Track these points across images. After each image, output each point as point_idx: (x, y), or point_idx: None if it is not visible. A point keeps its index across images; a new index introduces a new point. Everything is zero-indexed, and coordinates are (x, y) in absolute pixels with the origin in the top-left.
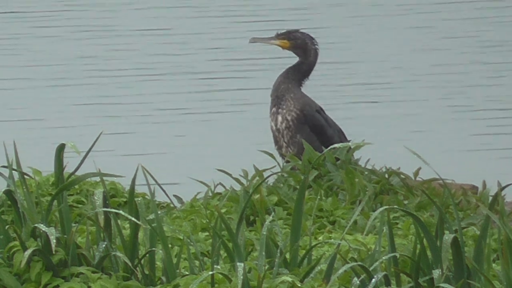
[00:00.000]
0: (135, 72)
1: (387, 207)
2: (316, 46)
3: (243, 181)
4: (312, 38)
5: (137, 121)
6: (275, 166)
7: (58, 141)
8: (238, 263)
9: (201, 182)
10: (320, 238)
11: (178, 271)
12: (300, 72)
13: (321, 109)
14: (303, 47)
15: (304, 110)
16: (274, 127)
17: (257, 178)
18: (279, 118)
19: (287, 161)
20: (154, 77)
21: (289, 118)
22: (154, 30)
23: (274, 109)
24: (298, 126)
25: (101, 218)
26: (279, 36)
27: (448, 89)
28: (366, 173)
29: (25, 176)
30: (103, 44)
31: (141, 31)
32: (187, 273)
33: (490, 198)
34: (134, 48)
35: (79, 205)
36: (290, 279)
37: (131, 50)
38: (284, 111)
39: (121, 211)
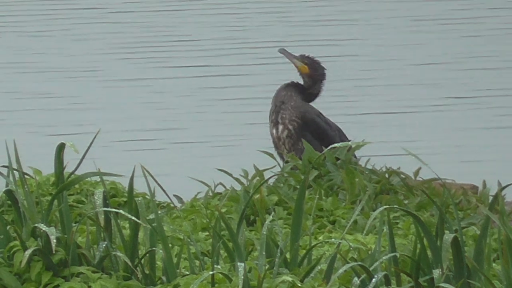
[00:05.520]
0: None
1: (387, 206)
2: (323, 87)
3: (244, 181)
4: (325, 79)
5: (137, 121)
6: (275, 166)
7: (58, 140)
8: (238, 263)
9: (201, 182)
10: (320, 237)
11: (178, 270)
12: (301, 92)
13: (320, 113)
14: (315, 80)
15: (304, 118)
16: (274, 134)
17: (257, 178)
18: (280, 127)
19: (287, 161)
20: (154, 76)
21: (290, 127)
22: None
23: (274, 116)
24: (299, 134)
25: (101, 218)
26: (303, 59)
27: (448, 88)
28: (366, 173)
29: (26, 176)
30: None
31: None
32: (187, 272)
33: (490, 198)
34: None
35: (79, 205)
36: (290, 279)
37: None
38: (287, 120)
39: (121, 211)
